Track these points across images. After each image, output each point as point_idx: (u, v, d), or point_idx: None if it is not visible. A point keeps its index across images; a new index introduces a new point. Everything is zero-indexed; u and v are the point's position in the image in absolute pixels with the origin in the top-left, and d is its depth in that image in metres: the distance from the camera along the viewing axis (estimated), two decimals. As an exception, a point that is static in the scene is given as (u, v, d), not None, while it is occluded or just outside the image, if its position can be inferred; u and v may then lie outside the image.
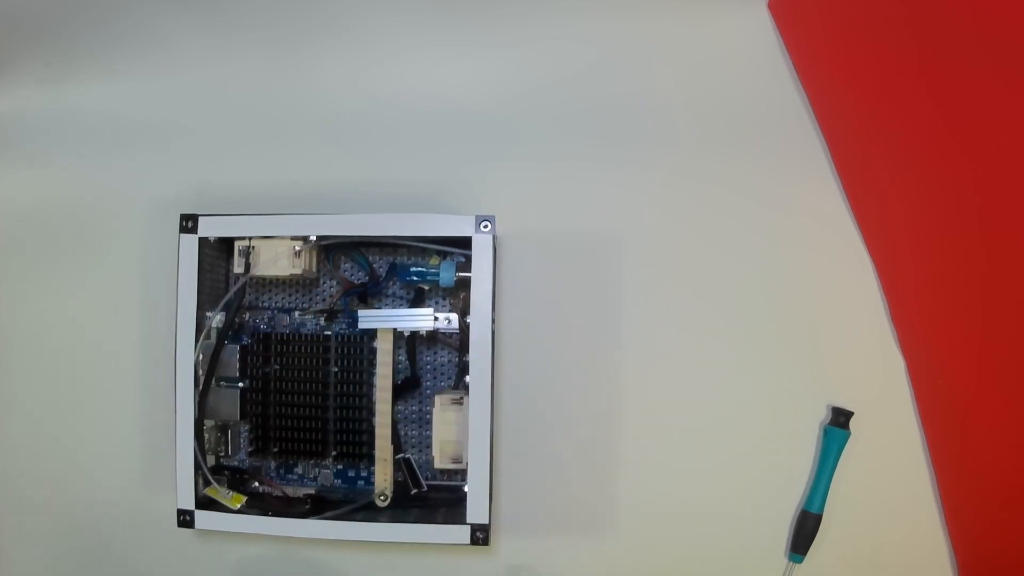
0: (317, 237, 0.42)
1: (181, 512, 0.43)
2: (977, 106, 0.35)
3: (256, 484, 0.47)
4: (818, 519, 0.46)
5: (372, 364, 0.45)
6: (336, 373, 0.45)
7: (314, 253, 0.44)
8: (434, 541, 0.41)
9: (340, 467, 0.47)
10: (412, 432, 0.47)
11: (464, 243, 0.42)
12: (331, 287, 0.47)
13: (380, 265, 0.47)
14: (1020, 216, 0.35)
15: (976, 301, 0.40)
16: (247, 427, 0.47)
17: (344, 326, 0.46)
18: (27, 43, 0.49)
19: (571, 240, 0.49)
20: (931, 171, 0.40)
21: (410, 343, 0.46)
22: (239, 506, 0.43)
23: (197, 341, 0.43)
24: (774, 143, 0.49)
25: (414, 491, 0.45)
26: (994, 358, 0.40)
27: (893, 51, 0.39)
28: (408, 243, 0.43)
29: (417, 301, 0.46)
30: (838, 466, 0.46)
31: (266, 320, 0.47)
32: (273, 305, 0.48)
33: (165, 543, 0.50)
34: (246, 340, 0.46)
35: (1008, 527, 0.42)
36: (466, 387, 0.42)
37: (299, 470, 0.47)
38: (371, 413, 0.45)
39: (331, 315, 0.47)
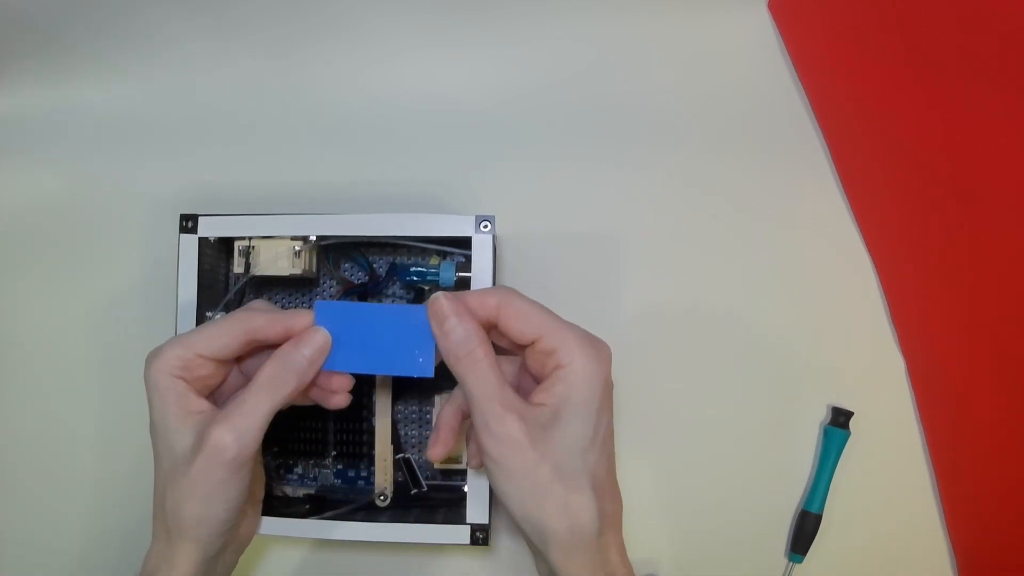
0: (317, 237, 0.42)
1: (181, 512, 0.42)
2: (975, 107, 0.35)
3: (256, 484, 0.47)
4: (818, 519, 0.46)
5: (372, 364, 0.45)
6: (336, 373, 0.45)
7: (314, 253, 0.44)
8: (434, 541, 0.41)
9: (340, 467, 0.47)
10: (412, 432, 0.47)
11: (464, 243, 0.42)
12: (331, 287, 0.47)
13: (380, 265, 0.47)
14: (1017, 216, 0.35)
15: (976, 301, 0.40)
16: (247, 427, 0.46)
17: (344, 326, 0.46)
18: (27, 43, 0.49)
19: (571, 240, 0.49)
20: (930, 171, 0.40)
21: (410, 343, 0.46)
22: (239, 506, 0.43)
23: (197, 341, 0.43)
24: (774, 143, 0.49)
25: (414, 491, 0.45)
26: (994, 358, 0.40)
27: (893, 52, 0.39)
28: (408, 243, 0.43)
29: (417, 301, 0.46)
30: (838, 466, 0.46)
31: (266, 320, 0.47)
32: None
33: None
34: (246, 340, 0.46)
35: (1008, 527, 0.42)
36: (466, 387, 0.42)
37: (299, 470, 0.47)
38: (371, 413, 0.45)
39: (331, 315, 0.47)
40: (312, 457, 0.46)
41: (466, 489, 0.41)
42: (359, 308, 0.36)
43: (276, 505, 0.45)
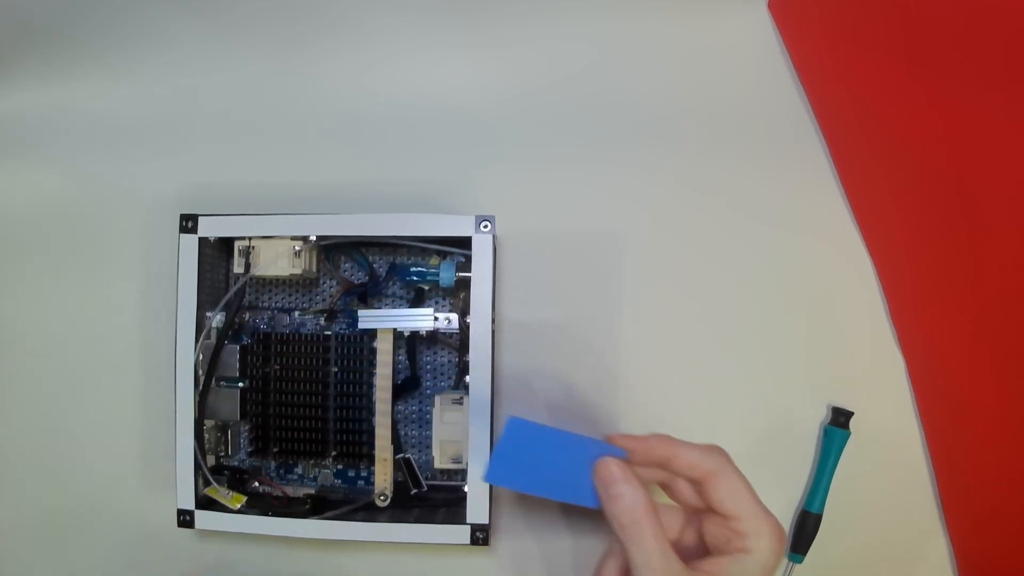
0: (317, 237, 0.43)
1: (181, 512, 0.43)
2: (976, 107, 0.35)
3: (256, 484, 0.47)
4: (818, 519, 0.46)
5: (372, 364, 0.45)
6: (336, 373, 0.45)
7: (314, 253, 0.44)
8: (434, 541, 0.41)
9: (340, 467, 0.47)
10: (412, 432, 0.47)
11: (464, 243, 0.42)
12: (331, 287, 0.47)
13: (380, 265, 0.47)
14: (1016, 216, 0.35)
15: (976, 301, 0.40)
16: (247, 427, 0.47)
17: (344, 326, 0.46)
18: (27, 43, 0.49)
19: (571, 240, 0.49)
20: (931, 171, 0.40)
21: (410, 343, 0.46)
22: (239, 506, 0.43)
23: (197, 341, 0.43)
24: (774, 143, 0.49)
25: (414, 491, 0.45)
26: (994, 357, 0.40)
27: (893, 52, 0.39)
28: (408, 243, 0.43)
29: (417, 301, 0.46)
30: (838, 466, 0.46)
31: (266, 320, 0.47)
32: (273, 305, 0.48)
33: (165, 543, 0.50)
34: (246, 340, 0.46)
35: (1008, 528, 0.42)
36: (466, 387, 0.42)
37: (299, 470, 0.47)
38: (371, 413, 0.45)
39: (331, 315, 0.47)
40: (312, 457, 0.46)
41: (466, 489, 0.41)
42: (547, 432, 0.36)
43: (276, 505, 0.45)
